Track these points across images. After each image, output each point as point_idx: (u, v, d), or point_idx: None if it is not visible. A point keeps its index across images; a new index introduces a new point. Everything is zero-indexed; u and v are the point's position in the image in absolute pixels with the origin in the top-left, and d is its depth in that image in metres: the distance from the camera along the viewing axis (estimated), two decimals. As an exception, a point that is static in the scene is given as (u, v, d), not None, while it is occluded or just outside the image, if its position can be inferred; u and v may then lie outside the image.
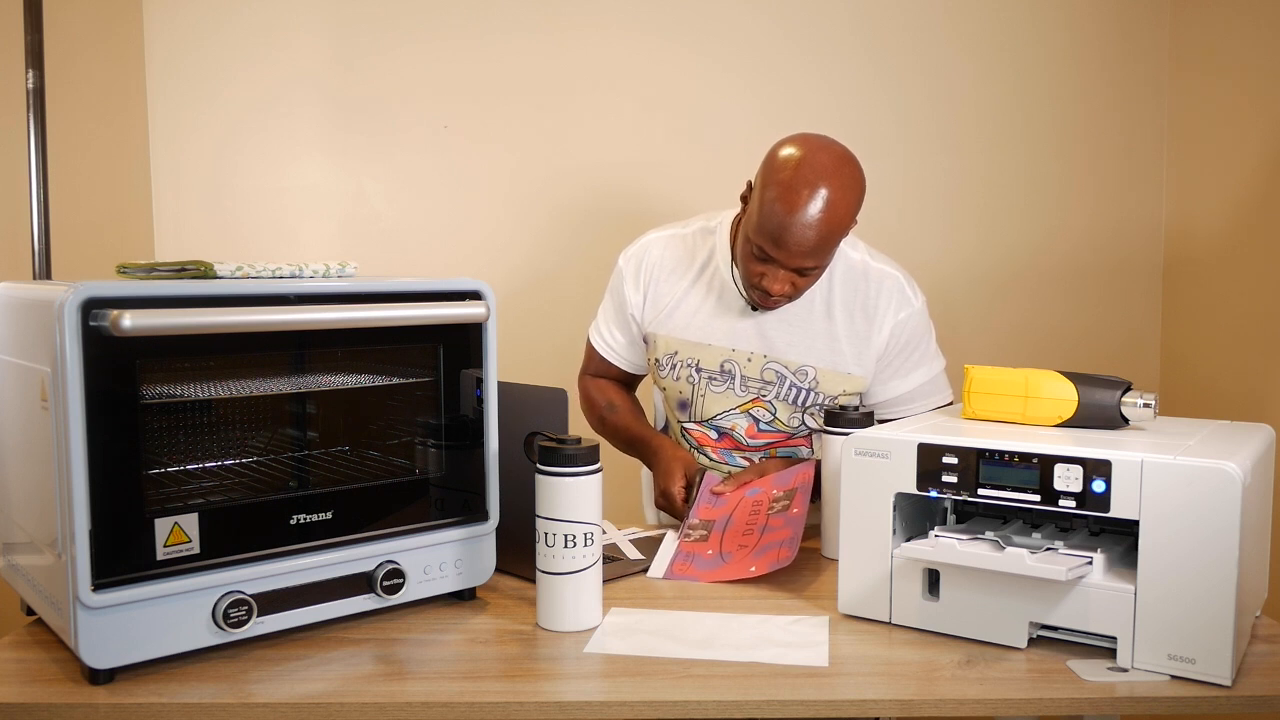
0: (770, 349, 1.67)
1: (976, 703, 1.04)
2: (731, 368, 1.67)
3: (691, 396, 1.71)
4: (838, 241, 1.54)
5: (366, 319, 1.21)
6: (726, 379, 1.67)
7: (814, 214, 1.47)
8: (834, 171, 1.49)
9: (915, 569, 1.20)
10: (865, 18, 2.39)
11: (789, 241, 1.49)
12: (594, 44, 2.39)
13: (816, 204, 1.47)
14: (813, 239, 1.49)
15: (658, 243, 1.76)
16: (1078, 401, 1.25)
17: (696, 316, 1.70)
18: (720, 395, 1.69)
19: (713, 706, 1.03)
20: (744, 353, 1.67)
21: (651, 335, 1.74)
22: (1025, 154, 2.40)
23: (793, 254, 1.50)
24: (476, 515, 1.31)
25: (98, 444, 1.03)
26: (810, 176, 1.48)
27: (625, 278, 1.76)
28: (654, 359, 1.74)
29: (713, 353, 1.69)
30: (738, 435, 1.70)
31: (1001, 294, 2.43)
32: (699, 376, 1.69)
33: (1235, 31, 2.13)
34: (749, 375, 1.67)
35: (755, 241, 1.53)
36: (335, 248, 2.42)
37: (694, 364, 1.70)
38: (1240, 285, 2.11)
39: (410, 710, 1.03)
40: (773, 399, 1.67)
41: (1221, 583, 1.03)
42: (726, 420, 1.70)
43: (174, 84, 2.39)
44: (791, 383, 1.65)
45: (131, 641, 1.07)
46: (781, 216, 1.48)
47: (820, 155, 1.50)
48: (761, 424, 1.69)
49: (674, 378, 1.72)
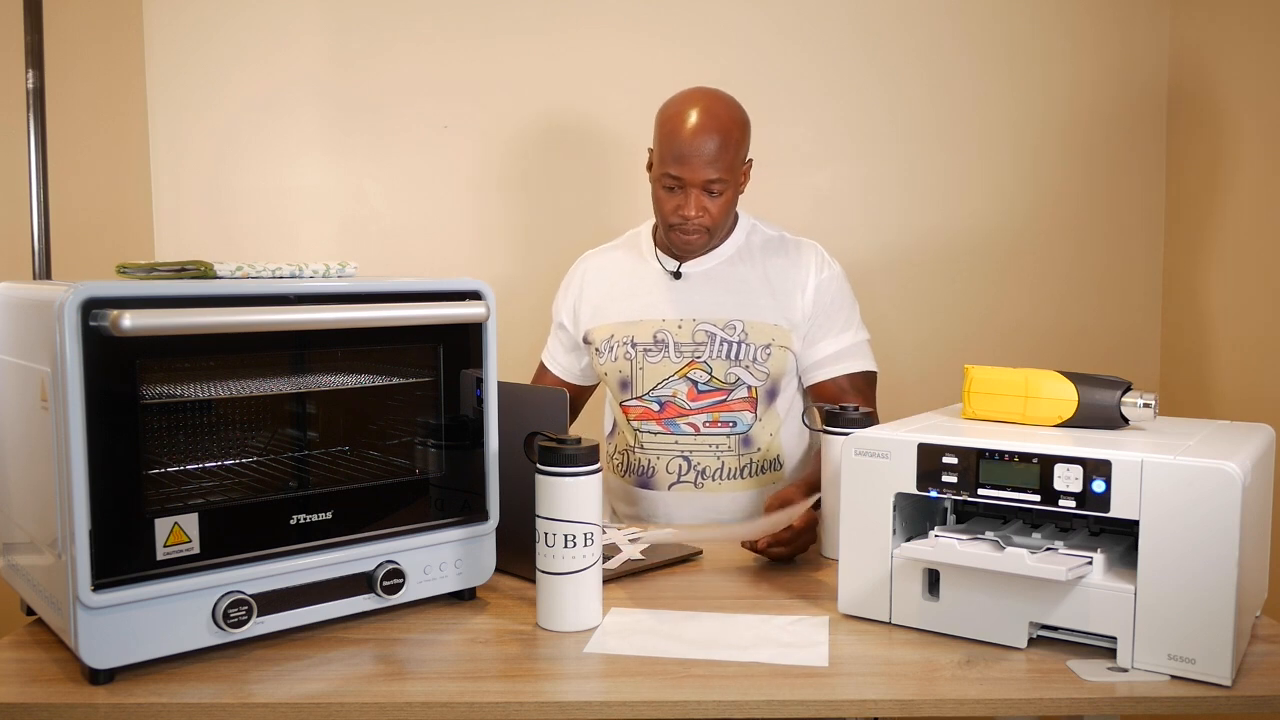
0: (697, 312, 1.78)
1: (976, 703, 1.04)
2: (664, 337, 1.77)
3: (631, 372, 1.79)
4: (736, 152, 1.71)
5: (366, 319, 1.21)
6: (661, 348, 1.77)
7: (705, 121, 1.68)
8: (713, 92, 1.73)
9: (915, 569, 1.20)
10: (865, 17, 2.38)
11: (690, 153, 1.67)
12: (594, 44, 2.39)
13: (704, 114, 1.69)
14: (711, 145, 1.67)
15: (590, 256, 1.93)
16: (1078, 401, 1.25)
17: (627, 301, 1.83)
18: (657, 365, 1.78)
19: (713, 706, 1.03)
20: (674, 320, 1.78)
21: (589, 332, 1.85)
22: (1025, 153, 2.40)
23: (696, 166, 1.67)
24: (476, 515, 1.31)
25: (98, 444, 1.03)
26: (693, 96, 1.72)
27: (557, 296, 1.93)
28: (594, 350, 1.84)
29: (644, 327, 1.79)
30: (679, 401, 1.78)
31: (1001, 293, 2.43)
32: (635, 351, 1.79)
33: (1236, 32, 2.13)
34: (681, 341, 1.77)
35: (661, 173, 1.71)
36: (335, 248, 2.42)
37: (629, 341, 1.80)
38: (1240, 285, 2.11)
39: (410, 710, 1.03)
40: (707, 358, 1.76)
41: (1221, 583, 1.03)
42: (667, 389, 1.77)
43: (174, 84, 2.39)
44: (722, 339, 1.76)
45: (131, 641, 1.07)
46: (677, 133, 1.68)
47: (697, 88, 1.74)
48: (700, 385, 1.77)
49: (612, 359, 1.81)
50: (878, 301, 2.32)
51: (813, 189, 2.41)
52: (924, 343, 2.40)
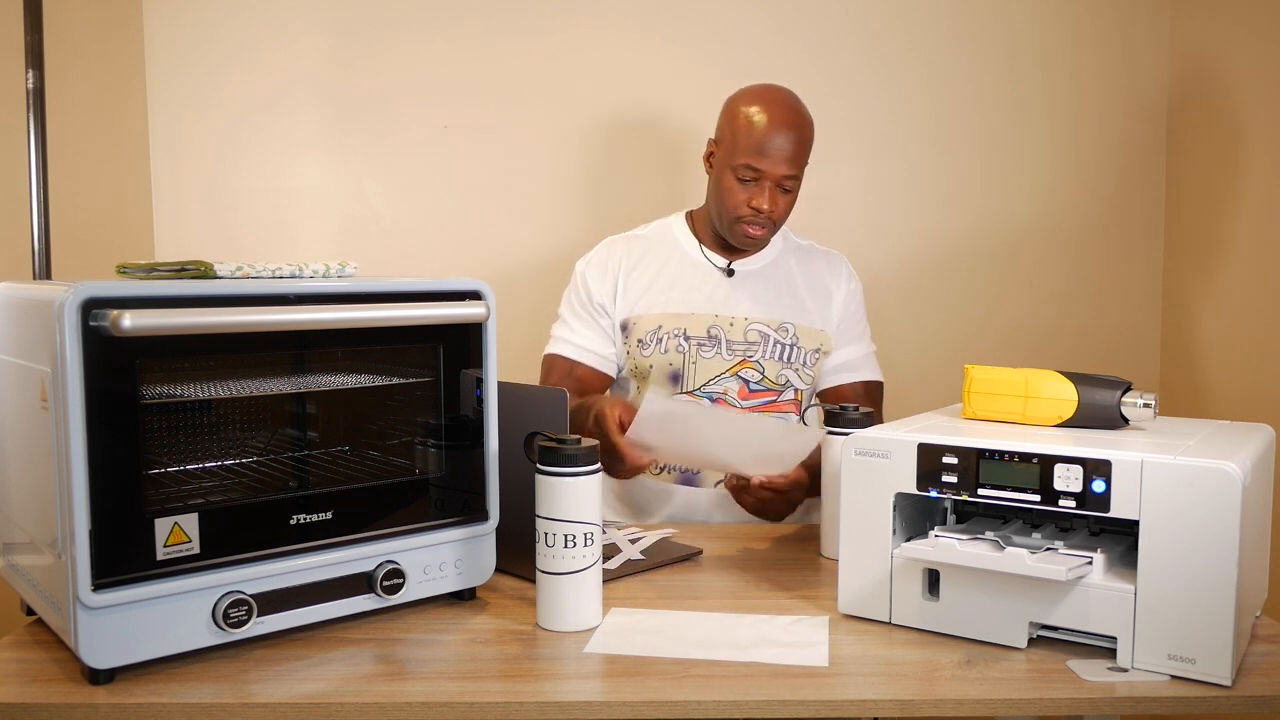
0: (750, 311, 1.79)
1: (976, 703, 1.04)
2: (718, 332, 1.77)
3: (683, 365, 1.77)
4: (808, 153, 1.75)
5: (367, 319, 1.21)
6: (715, 344, 1.76)
7: (789, 116, 1.71)
8: (791, 92, 1.76)
9: (915, 569, 1.20)
10: (865, 18, 2.38)
11: (774, 146, 1.69)
12: (594, 44, 2.39)
13: (789, 110, 1.72)
14: (793, 140, 1.70)
15: (618, 242, 1.88)
16: (1078, 401, 1.25)
17: (674, 291, 1.80)
18: (710, 360, 1.76)
19: (713, 706, 1.03)
20: (726, 317, 1.78)
21: (631, 319, 1.80)
22: (1025, 153, 2.40)
23: (778, 160, 1.69)
24: (476, 515, 1.31)
25: (98, 444, 1.03)
26: (775, 91, 1.74)
27: (589, 278, 1.84)
28: (635, 340, 1.79)
29: (698, 320, 1.77)
30: (730, 399, 1.77)
31: (1001, 293, 2.43)
32: (688, 345, 1.77)
33: (1236, 32, 2.13)
34: (734, 339, 1.77)
35: (739, 163, 1.71)
36: (335, 248, 2.42)
37: (681, 333, 1.77)
38: (1240, 286, 2.11)
39: (410, 710, 1.03)
40: (759, 358, 1.76)
41: (1221, 583, 1.03)
42: (718, 385, 1.76)
43: (174, 84, 2.39)
44: (775, 340, 1.77)
45: (131, 641, 1.07)
46: (763, 125, 1.70)
47: (771, 84, 1.77)
48: (751, 384, 1.76)
49: (661, 350, 1.77)
50: (878, 301, 2.32)
51: (813, 189, 2.40)
52: (924, 343, 2.40)
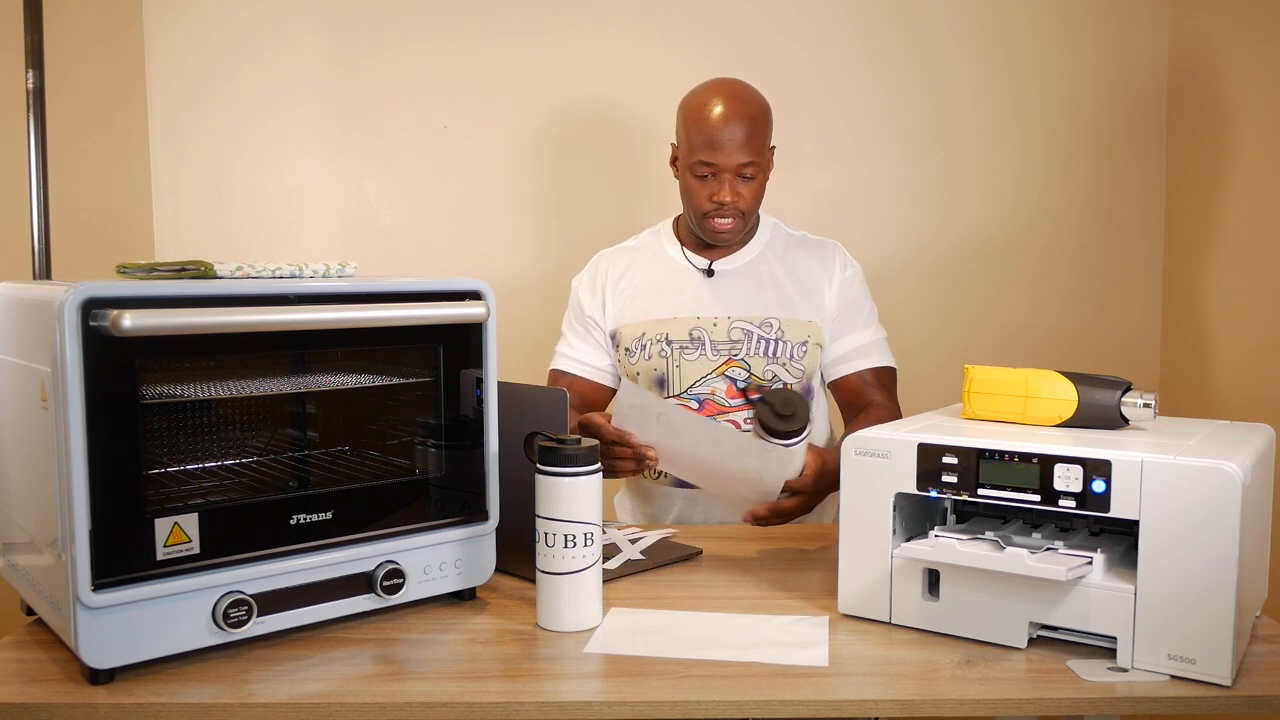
0: (732, 309, 1.78)
1: (976, 703, 1.04)
2: (700, 334, 1.76)
3: (667, 370, 1.77)
4: (765, 137, 1.74)
5: (366, 319, 1.21)
6: (698, 346, 1.76)
7: (734, 106, 1.70)
8: (736, 80, 1.75)
9: (915, 569, 1.20)
10: (865, 17, 2.38)
11: (722, 138, 1.68)
12: (594, 44, 2.39)
13: (733, 99, 1.71)
14: (742, 129, 1.69)
15: (606, 255, 1.90)
16: (1078, 401, 1.25)
17: (657, 299, 1.81)
18: (694, 363, 1.76)
19: (713, 706, 1.03)
20: (709, 318, 1.77)
21: (618, 330, 1.82)
22: (1025, 153, 2.40)
23: (729, 150, 1.68)
24: (476, 515, 1.31)
25: (98, 444, 1.03)
26: (718, 85, 1.74)
27: (581, 293, 1.87)
28: (623, 350, 1.81)
29: (679, 324, 1.78)
30: (718, 399, 1.76)
31: (1001, 293, 2.43)
32: (671, 349, 1.77)
33: (1235, 31, 2.13)
34: (718, 339, 1.76)
35: (694, 160, 1.71)
36: (335, 248, 2.42)
37: (663, 338, 1.78)
38: (1240, 285, 2.11)
39: (410, 710, 1.03)
40: (744, 356, 1.76)
41: (1221, 583, 1.03)
42: (705, 386, 1.76)
43: (174, 84, 2.39)
44: (759, 336, 1.76)
45: (131, 641, 1.07)
46: (708, 120, 1.69)
47: (718, 78, 1.76)
48: (738, 383, 1.76)
49: (646, 357, 1.78)
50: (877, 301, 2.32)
51: (813, 189, 2.41)
52: (924, 343, 2.40)
